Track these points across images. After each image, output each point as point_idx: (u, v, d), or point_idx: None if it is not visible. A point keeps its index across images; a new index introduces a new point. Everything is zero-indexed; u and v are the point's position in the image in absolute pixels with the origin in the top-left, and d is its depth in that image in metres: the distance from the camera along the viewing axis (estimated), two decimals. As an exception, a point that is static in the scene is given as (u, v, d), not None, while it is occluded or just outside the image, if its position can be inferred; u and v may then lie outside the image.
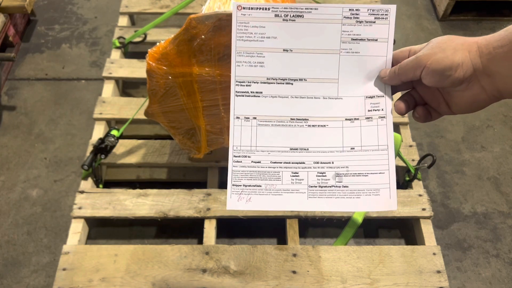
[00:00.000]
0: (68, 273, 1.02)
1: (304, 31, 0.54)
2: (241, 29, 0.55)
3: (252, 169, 0.55)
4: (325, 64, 0.54)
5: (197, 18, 0.80)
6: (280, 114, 0.55)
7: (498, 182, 1.36)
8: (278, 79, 0.55)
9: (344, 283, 1.01)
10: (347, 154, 0.54)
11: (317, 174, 0.54)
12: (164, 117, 1.02)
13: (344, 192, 0.54)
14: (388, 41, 0.53)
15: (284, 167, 0.55)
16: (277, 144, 0.55)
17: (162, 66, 0.89)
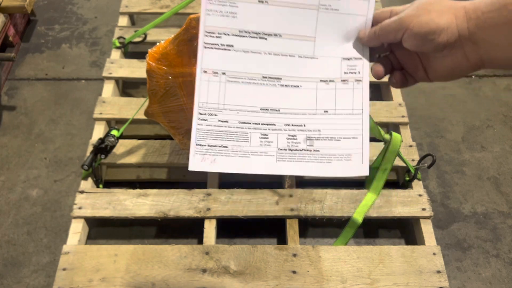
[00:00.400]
0: (68, 273, 1.02)
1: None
2: None
3: (218, 129, 0.52)
4: (302, 19, 0.50)
5: (197, 18, 0.80)
6: (252, 70, 0.51)
7: (498, 182, 1.37)
8: (251, 32, 0.51)
9: (344, 283, 1.01)
10: (320, 117, 0.52)
11: (288, 137, 0.52)
12: (164, 117, 1.02)
13: (315, 156, 0.51)
14: (369, 2, 0.50)
15: (253, 128, 0.52)
16: (247, 103, 0.52)
17: (162, 66, 0.89)
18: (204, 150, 0.51)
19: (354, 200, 1.16)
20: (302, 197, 1.16)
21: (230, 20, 0.50)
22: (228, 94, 0.52)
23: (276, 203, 1.15)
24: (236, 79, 0.51)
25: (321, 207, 1.15)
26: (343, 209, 1.14)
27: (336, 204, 1.15)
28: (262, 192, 1.17)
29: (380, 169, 1.19)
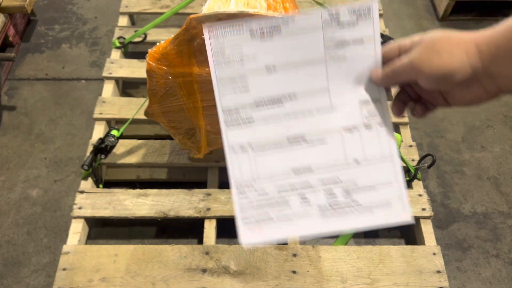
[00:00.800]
0: (68, 273, 1.02)
1: (285, 45, 0.50)
2: (218, 54, 0.52)
3: (258, 199, 0.53)
4: (312, 74, 0.50)
5: (197, 18, 0.80)
6: (276, 136, 0.52)
7: (498, 182, 1.37)
8: (266, 101, 0.52)
9: (344, 283, 1.01)
10: (352, 168, 0.51)
11: (326, 194, 0.51)
12: (164, 117, 1.02)
13: (356, 208, 0.51)
14: (375, 39, 0.49)
15: (291, 192, 0.52)
16: (279, 168, 0.52)
17: (162, 66, 0.89)
18: (249, 222, 0.53)
19: (354, 200, 1.16)
20: (302, 197, 1.16)
21: (244, 95, 0.51)
22: (259, 165, 0.52)
23: (276, 203, 1.15)
24: (263, 148, 0.52)
25: (321, 207, 1.15)
26: (343, 209, 1.14)
27: (336, 204, 1.15)
28: (262, 192, 1.17)
29: (380, 169, 1.18)
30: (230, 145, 0.52)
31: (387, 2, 1.92)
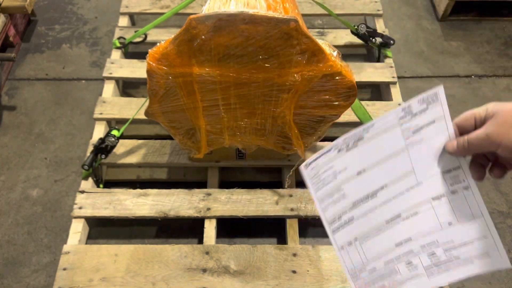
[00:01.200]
0: (68, 272, 1.02)
1: (369, 148, 0.56)
2: (314, 181, 0.58)
3: (371, 276, 0.60)
4: (398, 163, 0.56)
5: (197, 19, 0.80)
6: (375, 223, 0.58)
7: (497, 182, 1.37)
8: (362, 199, 0.58)
9: (344, 282, 1.02)
10: (447, 230, 0.57)
11: (428, 255, 0.58)
12: (164, 117, 1.02)
13: (458, 262, 0.57)
14: (446, 118, 0.54)
15: (397, 261, 0.59)
16: (383, 247, 0.59)
17: (162, 66, 0.89)
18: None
19: (354, 200, 1.16)
20: (302, 197, 1.17)
21: (342, 202, 0.58)
22: (366, 250, 0.60)
23: (276, 203, 1.15)
24: (367, 237, 0.59)
25: (321, 207, 1.15)
26: (343, 209, 1.14)
27: (336, 204, 1.15)
28: (262, 192, 1.17)
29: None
30: (339, 246, 0.60)
31: (387, 2, 1.92)
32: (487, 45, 1.77)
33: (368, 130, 0.56)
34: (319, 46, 0.85)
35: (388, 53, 1.53)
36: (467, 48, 1.76)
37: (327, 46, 0.90)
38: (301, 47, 0.84)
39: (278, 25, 0.80)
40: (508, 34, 1.81)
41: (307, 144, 1.07)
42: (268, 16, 0.79)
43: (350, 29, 1.51)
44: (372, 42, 1.52)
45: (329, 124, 1.02)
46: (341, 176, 0.58)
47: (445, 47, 1.76)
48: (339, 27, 1.69)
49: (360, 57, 1.71)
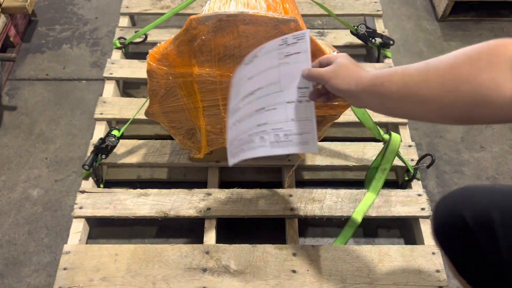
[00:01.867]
0: (68, 272, 1.03)
1: (258, 62, 0.82)
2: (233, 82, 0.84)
3: (238, 143, 0.88)
4: (270, 74, 0.81)
5: (197, 19, 0.81)
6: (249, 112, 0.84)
7: (497, 182, 1.37)
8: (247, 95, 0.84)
9: (344, 282, 1.02)
10: (290, 123, 0.82)
11: (274, 135, 0.84)
12: (165, 117, 1.03)
13: (290, 143, 0.83)
14: (307, 52, 0.76)
15: (255, 135, 0.85)
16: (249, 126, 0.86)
17: (163, 67, 0.89)
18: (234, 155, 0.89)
19: (353, 199, 1.17)
20: (301, 197, 1.17)
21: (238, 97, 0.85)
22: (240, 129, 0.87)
23: (276, 203, 1.16)
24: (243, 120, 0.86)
25: (320, 206, 1.15)
26: (343, 209, 1.15)
27: (336, 203, 1.16)
28: (262, 192, 1.18)
29: (380, 169, 1.19)
30: (231, 123, 0.88)
31: (386, 2, 1.93)
32: (487, 45, 1.77)
33: (261, 50, 0.80)
34: (319, 47, 0.85)
35: (388, 53, 1.54)
36: (466, 49, 1.76)
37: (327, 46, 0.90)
38: (301, 47, 0.84)
39: (278, 25, 0.80)
40: (508, 35, 1.82)
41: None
42: (268, 17, 0.80)
43: (350, 30, 1.52)
44: (371, 43, 1.52)
45: (329, 124, 1.03)
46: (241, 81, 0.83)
47: (444, 47, 1.77)
48: (339, 27, 1.70)
49: (359, 57, 1.71)
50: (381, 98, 0.63)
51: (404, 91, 0.59)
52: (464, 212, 0.67)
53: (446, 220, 0.72)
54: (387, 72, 0.63)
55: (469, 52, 0.54)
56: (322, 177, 1.33)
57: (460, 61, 0.54)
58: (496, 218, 0.64)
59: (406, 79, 0.59)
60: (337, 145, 1.28)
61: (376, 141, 1.28)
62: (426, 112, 0.58)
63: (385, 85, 0.62)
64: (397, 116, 0.67)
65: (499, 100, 0.50)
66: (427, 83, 0.56)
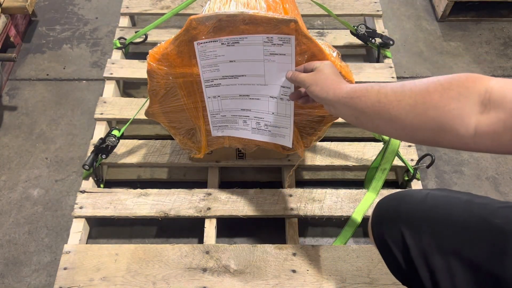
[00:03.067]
0: (69, 272, 1.03)
1: (241, 50, 0.85)
2: (202, 55, 0.87)
3: (221, 119, 0.99)
4: (257, 66, 0.87)
5: (197, 19, 0.81)
6: (233, 93, 0.93)
7: (497, 182, 1.37)
8: (228, 76, 0.90)
9: (344, 282, 1.02)
10: (270, 115, 0.93)
11: (256, 123, 0.96)
12: (165, 117, 1.03)
13: (268, 133, 0.97)
14: (292, 56, 0.83)
15: (238, 117, 0.98)
16: (233, 107, 0.96)
17: (163, 67, 0.89)
18: (217, 128, 1.02)
19: (353, 199, 1.17)
20: (301, 197, 1.17)
21: (216, 73, 0.90)
22: (223, 105, 0.96)
23: (276, 203, 1.16)
24: (226, 98, 0.95)
25: (320, 206, 1.15)
26: (343, 209, 1.15)
27: (336, 203, 1.16)
28: (262, 192, 1.18)
29: (379, 169, 1.19)
30: (208, 96, 0.95)
31: (386, 2, 1.93)
32: (486, 45, 1.78)
33: (243, 39, 0.83)
34: (319, 47, 0.85)
35: (388, 53, 1.54)
36: (466, 49, 1.76)
37: (327, 46, 0.90)
38: (301, 47, 0.84)
39: (278, 25, 0.81)
40: (507, 35, 1.82)
41: (307, 144, 1.07)
42: (268, 17, 0.80)
43: (350, 30, 1.52)
44: (371, 43, 1.53)
45: (329, 124, 1.03)
46: (219, 59, 0.87)
47: (444, 47, 1.77)
48: (339, 27, 1.70)
49: (359, 57, 1.72)
50: (355, 110, 0.66)
51: (377, 107, 0.62)
52: (400, 223, 0.70)
53: (383, 223, 0.75)
54: (364, 87, 0.66)
55: (442, 80, 0.56)
56: (322, 177, 1.34)
57: (432, 88, 0.56)
58: (425, 234, 0.66)
59: (380, 96, 0.61)
60: (337, 145, 1.28)
61: (376, 141, 1.28)
62: (394, 129, 0.61)
63: (361, 99, 0.64)
64: (368, 129, 0.69)
65: (462, 130, 0.53)
66: (399, 103, 0.58)
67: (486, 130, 0.51)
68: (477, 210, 0.65)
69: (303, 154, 1.07)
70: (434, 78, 0.57)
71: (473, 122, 0.52)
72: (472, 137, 0.52)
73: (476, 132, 0.52)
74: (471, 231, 0.63)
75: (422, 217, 0.68)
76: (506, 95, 0.50)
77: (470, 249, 0.62)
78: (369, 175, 1.24)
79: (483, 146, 0.52)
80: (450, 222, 0.65)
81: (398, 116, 0.59)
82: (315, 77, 0.76)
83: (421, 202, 0.71)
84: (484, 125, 0.51)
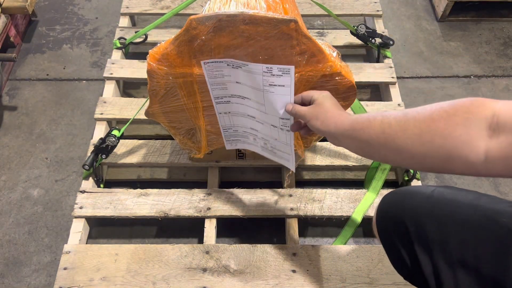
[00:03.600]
0: (69, 272, 1.03)
1: (244, 75, 0.86)
2: (209, 74, 0.89)
3: (233, 133, 1.04)
4: (257, 94, 0.88)
5: (197, 19, 0.81)
6: (241, 112, 0.96)
7: (496, 182, 1.37)
8: (236, 95, 0.92)
9: (344, 282, 1.02)
10: (274, 141, 0.96)
11: (264, 142, 1.00)
12: (165, 117, 1.03)
13: (274, 155, 1.01)
14: (291, 87, 0.83)
15: (249, 134, 1.02)
16: (243, 124, 0.99)
17: (163, 67, 0.89)
18: (230, 142, 1.07)
19: (353, 199, 1.17)
20: (301, 197, 1.17)
21: (224, 91, 0.92)
22: (233, 120, 1.00)
23: (276, 203, 1.16)
24: (236, 115, 0.98)
25: (320, 206, 1.15)
26: (343, 209, 1.15)
27: (336, 203, 1.16)
28: (262, 192, 1.18)
29: (379, 169, 1.20)
30: (219, 112, 0.98)
31: (386, 3, 1.93)
32: (486, 45, 1.78)
33: (245, 66, 0.84)
34: (318, 47, 0.85)
35: (388, 53, 1.54)
36: (466, 49, 1.76)
37: (327, 46, 0.90)
38: (301, 47, 0.84)
39: (278, 25, 0.81)
40: (507, 35, 1.82)
41: (307, 144, 1.07)
42: (268, 17, 0.80)
43: (350, 30, 1.52)
44: (371, 43, 1.53)
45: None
46: (226, 78, 0.89)
47: (444, 47, 1.77)
48: (339, 27, 1.70)
49: (359, 57, 1.72)
50: (359, 142, 0.65)
51: (382, 139, 0.61)
52: (405, 218, 0.69)
53: (388, 218, 0.74)
54: (366, 118, 0.65)
55: (446, 107, 0.55)
56: (322, 177, 1.34)
57: (437, 115, 0.55)
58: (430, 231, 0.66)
59: (384, 126, 0.61)
60: (337, 145, 1.28)
61: (376, 141, 1.28)
62: (402, 159, 0.60)
63: (364, 131, 0.64)
64: (375, 160, 0.70)
65: (471, 156, 0.52)
66: (404, 132, 0.58)
67: (497, 155, 0.50)
68: (484, 208, 0.64)
69: (303, 154, 1.07)
70: (437, 105, 0.56)
71: (483, 147, 0.51)
72: (483, 163, 0.51)
73: (487, 157, 0.51)
74: (477, 229, 0.62)
75: (428, 214, 0.68)
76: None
77: (475, 247, 0.61)
78: (369, 175, 1.24)
79: (495, 172, 0.51)
80: (456, 219, 0.65)
81: (404, 147, 0.58)
82: (315, 111, 0.75)
83: (428, 198, 0.70)
84: (495, 150, 0.50)
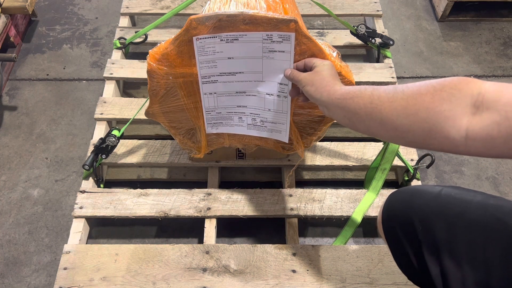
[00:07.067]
0: (69, 272, 1.03)
1: (240, 47, 0.85)
2: (200, 50, 0.86)
3: (216, 116, 0.99)
4: (254, 63, 0.87)
5: (197, 19, 0.81)
6: (229, 90, 0.93)
7: (496, 182, 1.37)
8: (225, 73, 0.90)
9: (344, 282, 1.02)
10: (267, 112, 0.94)
11: (251, 119, 0.97)
12: (165, 117, 1.03)
13: (264, 129, 0.98)
14: (291, 53, 0.83)
15: (234, 114, 0.98)
16: (229, 104, 0.96)
17: (163, 67, 0.89)
18: (211, 125, 1.01)
19: (353, 199, 1.17)
20: (301, 197, 1.17)
21: (213, 69, 0.90)
22: (219, 101, 0.96)
23: (276, 203, 1.16)
24: (222, 95, 0.95)
25: (320, 206, 1.15)
26: (343, 209, 1.15)
27: (336, 203, 1.16)
28: (262, 192, 1.18)
29: (379, 169, 1.20)
30: (204, 92, 0.94)
31: (386, 3, 1.93)
32: (486, 45, 1.78)
33: (242, 36, 0.83)
34: (318, 47, 0.85)
35: (388, 53, 1.54)
36: (466, 49, 1.76)
37: (327, 46, 0.90)
38: (301, 47, 0.84)
39: (278, 25, 0.81)
40: (507, 35, 1.82)
41: (307, 144, 1.07)
42: (268, 17, 0.80)
43: (350, 30, 1.52)
44: (371, 43, 1.53)
45: (329, 124, 1.03)
46: (217, 55, 0.87)
47: (444, 47, 1.77)
48: (339, 27, 1.70)
49: (359, 57, 1.72)
50: (347, 112, 0.66)
51: (369, 108, 0.62)
52: (413, 217, 0.69)
53: (395, 217, 0.74)
54: (358, 88, 0.65)
55: (435, 83, 0.56)
56: (322, 177, 1.34)
57: (425, 90, 0.56)
58: (438, 231, 0.65)
59: (373, 97, 0.61)
60: (337, 145, 1.28)
61: (376, 141, 1.29)
62: (385, 131, 0.61)
63: (353, 100, 0.65)
64: (360, 131, 0.68)
65: (453, 132, 0.52)
66: (391, 104, 0.59)
67: (478, 133, 0.50)
68: (492, 210, 0.63)
69: (303, 154, 1.07)
70: (427, 81, 0.57)
71: (465, 124, 0.51)
72: (463, 140, 0.51)
73: (468, 134, 0.51)
74: (486, 230, 0.62)
75: (436, 213, 0.67)
76: (500, 97, 0.49)
77: (484, 248, 0.61)
78: (369, 175, 1.24)
79: (474, 150, 0.51)
80: (465, 219, 0.64)
81: (389, 117, 0.59)
82: (312, 77, 0.76)
83: (435, 197, 0.69)
84: (477, 128, 0.50)
